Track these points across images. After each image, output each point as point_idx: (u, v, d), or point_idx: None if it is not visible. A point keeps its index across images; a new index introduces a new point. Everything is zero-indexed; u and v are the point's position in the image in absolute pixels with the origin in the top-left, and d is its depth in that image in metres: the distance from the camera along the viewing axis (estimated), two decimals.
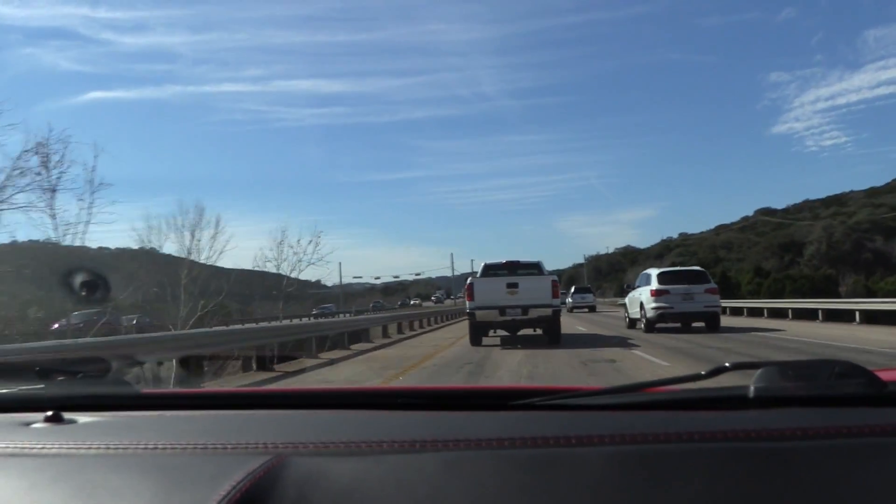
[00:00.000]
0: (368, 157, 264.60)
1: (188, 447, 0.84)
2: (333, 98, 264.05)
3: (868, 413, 0.81)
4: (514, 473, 0.72)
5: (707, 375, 0.93)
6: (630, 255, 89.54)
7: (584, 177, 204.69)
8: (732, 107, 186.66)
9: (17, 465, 0.82)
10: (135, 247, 20.92)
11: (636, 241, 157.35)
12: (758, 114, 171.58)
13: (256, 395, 1.30)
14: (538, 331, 14.55)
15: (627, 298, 19.47)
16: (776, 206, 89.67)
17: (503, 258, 14.91)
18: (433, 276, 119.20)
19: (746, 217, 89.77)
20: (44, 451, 0.87)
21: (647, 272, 18.22)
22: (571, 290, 42.68)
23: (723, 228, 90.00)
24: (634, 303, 18.10)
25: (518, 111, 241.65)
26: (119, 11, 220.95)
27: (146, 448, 0.85)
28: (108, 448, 0.86)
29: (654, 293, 16.33)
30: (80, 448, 0.86)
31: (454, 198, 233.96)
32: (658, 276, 16.91)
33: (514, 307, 13.29)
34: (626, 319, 19.25)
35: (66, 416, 1.02)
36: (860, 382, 0.84)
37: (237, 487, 0.69)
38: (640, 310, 17.13)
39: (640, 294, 17.32)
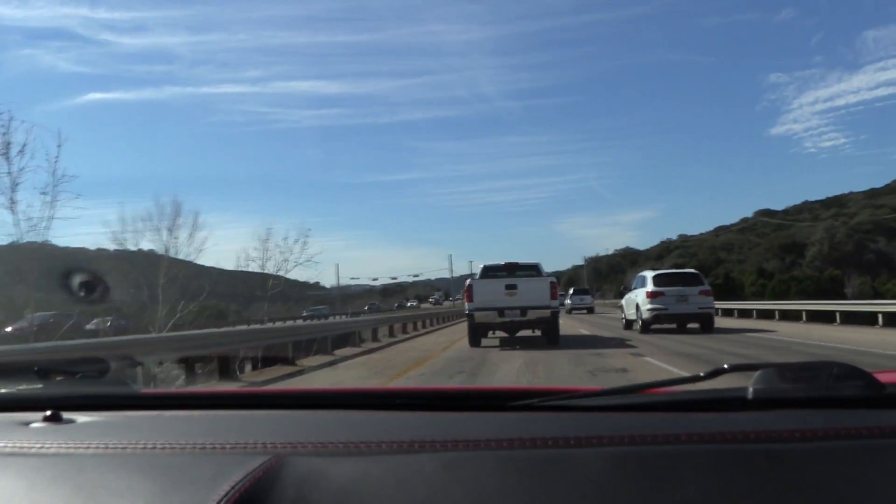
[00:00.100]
0: (367, 159, 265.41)
1: (187, 447, 0.84)
2: (332, 99, 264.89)
3: (866, 415, 0.81)
4: (513, 474, 0.72)
5: (706, 377, 0.93)
6: (629, 257, 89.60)
7: (584, 178, 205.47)
8: (731, 108, 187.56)
9: (16, 465, 0.82)
10: (114, 247, 19.91)
11: (635, 243, 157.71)
12: (757, 115, 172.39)
13: (255, 396, 1.30)
14: (537, 332, 14.57)
15: (624, 300, 19.76)
16: (775, 208, 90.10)
17: (502, 260, 15.02)
18: (432, 278, 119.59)
19: (746, 218, 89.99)
20: (43, 451, 0.87)
21: (643, 274, 18.51)
22: (570, 292, 42.68)
23: (722, 230, 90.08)
24: (631, 304, 18.40)
25: (517, 112, 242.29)
26: (118, 12, 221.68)
27: (145, 448, 0.85)
28: (107, 448, 0.86)
29: (650, 295, 16.64)
30: (79, 448, 0.86)
31: (453, 199, 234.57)
32: (653, 279, 17.21)
33: (513, 308, 13.32)
34: (623, 320, 19.49)
35: (65, 416, 1.02)
36: (858, 384, 0.84)
37: (236, 487, 0.69)
38: (636, 311, 17.43)
39: (636, 296, 17.63)
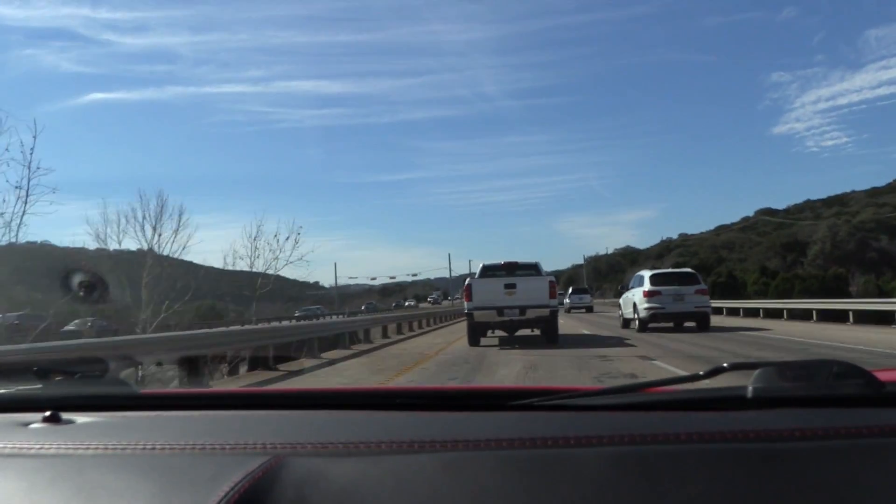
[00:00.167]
0: (368, 158, 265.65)
1: (186, 447, 0.84)
2: (333, 99, 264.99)
3: (866, 413, 0.81)
4: (513, 474, 0.72)
5: (705, 376, 0.93)
6: (630, 256, 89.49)
7: (584, 177, 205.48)
8: (733, 107, 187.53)
9: (16, 466, 0.82)
10: (97, 245, 18.45)
11: (636, 242, 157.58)
12: (759, 114, 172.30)
13: (255, 396, 1.30)
14: (536, 331, 14.58)
15: (622, 299, 19.98)
16: (776, 207, 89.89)
17: (502, 259, 15.11)
18: (431, 278, 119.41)
19: (747, 217, 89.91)
20: (42, 452, 0.87)
21: (640, 274, 18.76)
22: (569, 291, 42.74)
23: (723, 229, 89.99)
24: (628, 303, 18.62)
25: (518, 111, 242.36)
26: (120, 12, 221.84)
27: (144, 448, 0.85)
28: (107, 448, 0.85)
29: (647, 294, 16.91)
30: (79, 448, 0.86)
31: (453, 198, 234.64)
32: (650, 278, 17.46)
33: (512, 308, 13.35)
34: (621, 319, 19.68)
35: (64, 417, 1.02)
36: (858, 383, 0.84)
37: (236, 488, 0.69)
38: (634, 310, 17.66)
39: (634, 295, 17.85)
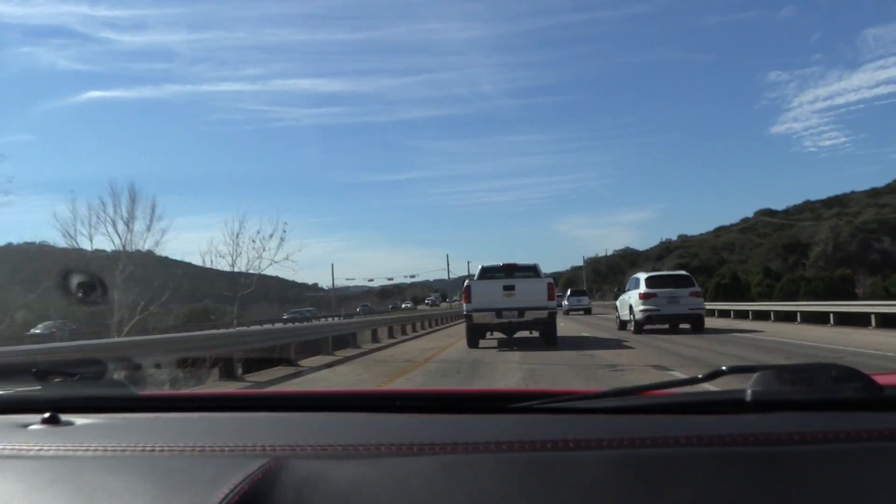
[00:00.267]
0: (366, 158, 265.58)
1: (186, 449, 0.84)
2: (331, 97, 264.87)
3: (865, 417, 0.81)
4: (513, 477, 0.72)
5: (704, 379, 0.94)
6: (629, 257, 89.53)
7: (583, 178, 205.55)
8: (731, 107, 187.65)
9: (15, 467, 0.82)
10: (64, 244, 17.10)
11: (635, 243, 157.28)
12: (756, 114, 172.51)
13: (254, 398, 1.30)
14: (535, 333, 14.60)
15: (618, 301, 20.25)
16: (775, 208, 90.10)
17: (500, 261, 15.25)
18: (430, 279, 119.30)
19: (746, 218, 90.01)
20: (41, 453, 0.87)
21: (637, 276, 19.06)
22: (567, 293, 42.75)
23: (723, 230, 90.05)
24: (624, 305, 18.88)
25: (516, 111, 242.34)
26: (118, 9, 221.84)
27: (144, 450, 0.85)
28: (106, 450, 0.85)
29: (642, 296, 17.20)
30: (78, 450, 0.86)
31: (452, 199, 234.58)
32: (646, 280, 17.76)
33: (511, 309, 13.38)
34: (617, 321, 19.94)
35: (64, 418, 1.02)
36: (857, 386, 0.84)
37: (235, 490, 0.69)
38: (630, 312, 17.92)
39: (630, 297, 18.12)
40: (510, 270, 14.87)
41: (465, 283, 14.23)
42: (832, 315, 20.20)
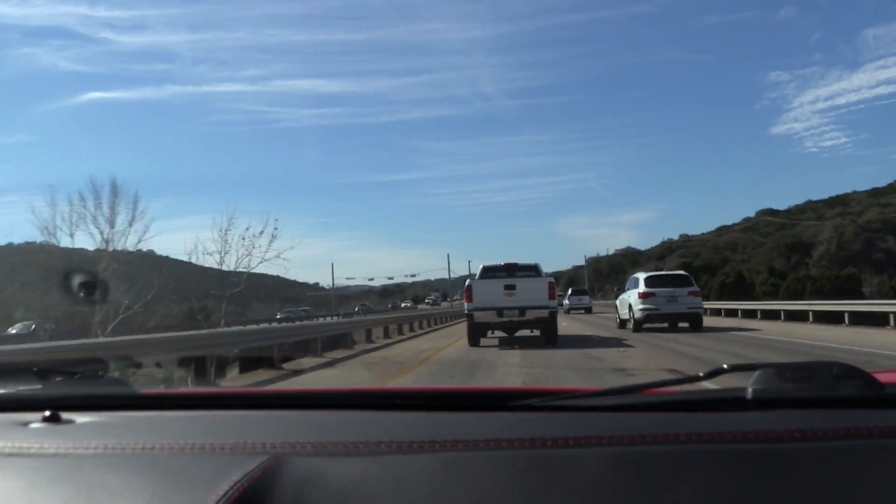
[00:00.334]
0: (367, 158, 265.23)
1: (186, 447, 0.84)
2: (331, 98, 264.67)
3: (866, 415, 0.81)
4: (513, 475, 0.72)
5: (705, 377, 0.93)
6: (631, 257, 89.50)
7: (584, 178, 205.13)
8: (732, 107, 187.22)
9: (16, 466, 0.82)
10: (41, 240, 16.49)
11: (636, 243, 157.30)
12: (757, 114, 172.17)
13: (254, 396, 1.30)
14: (535, 332, 14.63)
15: (618, 300, 20.44)
16: (777, 207, 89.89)
17: (502, 260, 15.32)
18: (431, 279, 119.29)
19: (748, 218, 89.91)
20: (42, 452, 0.87)
21: (636, 276, 19.33)
22: (568, 293, 42.81)
23: (724, 230, 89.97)
24: (624, 304, 19.09)
25: (517, 111, 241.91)
26: (118, 10, 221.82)
27: (144, 448, 0.85)
28: (107, 448, 0.86)
29: (642, 296, 17.44)
30: (78, 448, 0.86)
31: (452, 199, 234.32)
32: (645, 280, 18.02)
33: (512, 308, 13.42)
34: (617, 320, 20.13)
35: (64, 417, 1.02)
36: (858, 384, 0.84)
37: (235, 487, 0.69)
38: (629, 311, 18.10)
39: (629, 296, 18.33)
40: (511, 270, 14.95)
41: (467, 283, 14.27)
42: (847, 315, 19.42)
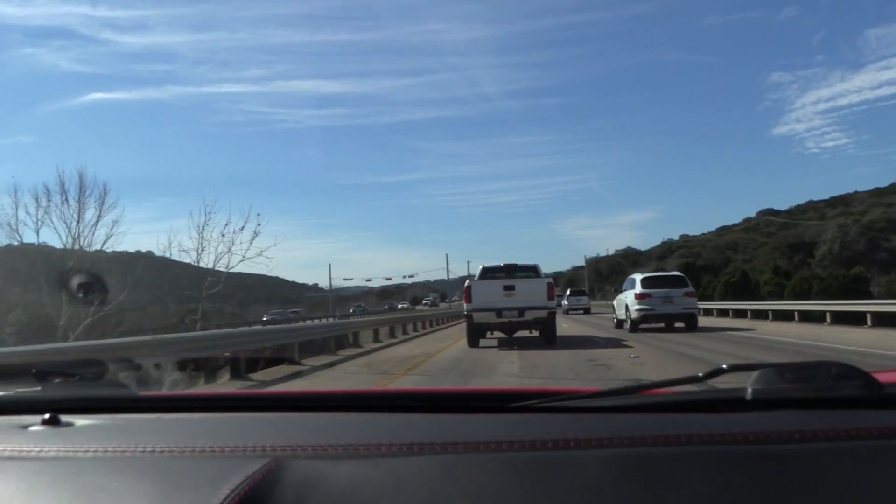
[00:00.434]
0: (368, 159, 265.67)
1: (186, 450, 0.84)
2: (333, 99, 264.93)
3: (865, 415, 0.81)
4: (513, 476, 0.72)
5: (704, 377, 0.93)
6: (631, 257, 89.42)
7: (584, 178, 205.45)
8: (733, 108, 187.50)
9: (15, 468, 0.82)
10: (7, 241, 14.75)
11: (637, 243, 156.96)
12: (759, 115, 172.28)
13: (255, 398, 1.30)
14: (535, 332, 14.64)
15: (615, 301, 20.69)
16: (778, 208, 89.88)
17: (501, 261, 15.45)
18: (430, 280, 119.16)
19: (749, 218, 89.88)
20: (41, 454, 0.87)
21: (632, 277, 19.58)
22: (567, 293, 42.81)
23: (725, 230, 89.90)
24: (621, 305, 19.33)
25: (518, 112, 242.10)
26: (119, 10, 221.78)
27: (144, 451, 0.84)
28: (106, 451, 0.85)
29: (638, 296, 17.67)
30: (78, 451, 0.86)
31: (453, 200, 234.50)
32: (641, 281, 18.23)
33: (511, 309, 13.45)
34: (615, 320, 20.32)
35: (64, 419, 1.01)
36: (857, 384, 0.84)
37: (235, 491, 0.69)
38: (626, 311, 18.30)
39: (626, 297, 18.54)
40: (510, 270, 15.02)
41: (466, 283, 14.30)
42: (869, 315, 17.81)
